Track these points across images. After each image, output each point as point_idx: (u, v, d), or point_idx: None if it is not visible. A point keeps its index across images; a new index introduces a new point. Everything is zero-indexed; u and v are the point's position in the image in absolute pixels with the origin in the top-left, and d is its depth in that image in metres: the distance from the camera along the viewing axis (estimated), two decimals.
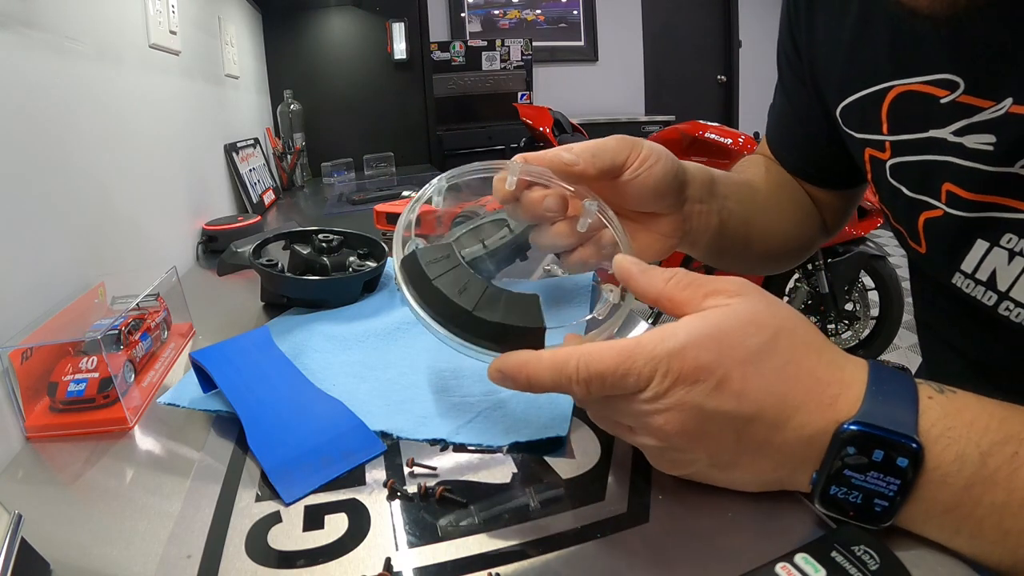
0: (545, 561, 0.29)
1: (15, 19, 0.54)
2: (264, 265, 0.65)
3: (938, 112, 0.39)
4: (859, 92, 0.46)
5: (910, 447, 0.27)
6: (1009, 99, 0.35)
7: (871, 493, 0.28)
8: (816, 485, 0.30)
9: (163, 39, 0.97)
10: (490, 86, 4.03)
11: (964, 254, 0.42)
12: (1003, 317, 0.40)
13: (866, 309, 2.12)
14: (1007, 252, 0.39)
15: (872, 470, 0.28)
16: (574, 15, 4.51)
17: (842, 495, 0.29)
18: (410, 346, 0.54)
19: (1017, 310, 0.40)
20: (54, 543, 0.32)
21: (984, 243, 0.40)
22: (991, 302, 0.41)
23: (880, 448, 0.27)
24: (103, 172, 0.69)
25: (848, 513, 0.29)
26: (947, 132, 0.39)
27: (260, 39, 1.98)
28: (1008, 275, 0.39)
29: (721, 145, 2.22)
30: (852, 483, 0.28)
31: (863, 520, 0.29)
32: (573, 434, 0.39)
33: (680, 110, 4.35)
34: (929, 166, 0.42)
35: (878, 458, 0.28)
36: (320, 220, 1.29)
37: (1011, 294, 0.39)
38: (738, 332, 0.30)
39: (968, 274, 0.42)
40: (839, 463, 0.28)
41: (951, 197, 0.41)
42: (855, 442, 0.28)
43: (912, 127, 0.42)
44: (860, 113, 0.47)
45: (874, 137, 0.46)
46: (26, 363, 0.45)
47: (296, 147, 1.82)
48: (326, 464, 0.38)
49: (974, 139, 0.38)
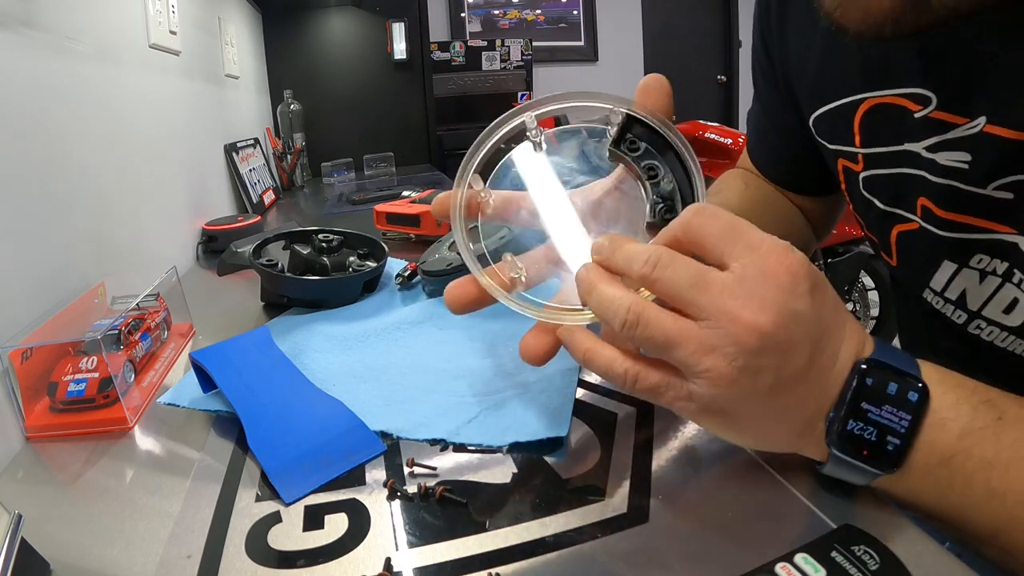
0: (545, 561, 0.29)
1: (15, 19, 0.54)
2: (264, 265, 0.65)
3: (912, 125, 0.39)
4: (831, 103, 0.45)
5: (918, 384, 0.29)
6: (983, 117, 0.35)
7: (885, 429, 0.29)
8: (834, 422, 0.29)
9: (163, 39, 0.97)
10: (490, 86, 4.02)
11: (932, 272, 0.41)
12: (973, 336, 0.40)
13: (866, 309, 2.12)
14: (978, 272, 0.39)
15: (887, 403, 0.29)
16: (574, 15, 4.51)
17: (859, 430, 0.29)
18: (410, 346, 0.54)
19: (990, 328, 0.39)
20: (54, 543, 0.32)
21: (952, 264, 0.40)
22: (961, 320, 0.41)
23: (894, 381, 0.29)
24: (103, 172, 0.69)
25: (862, 452, 0.29)
26: (920, 147, 0.39)
27: (260, 39, 1.98)
28: (980, 295, 0.39)
29: (721, 145, 2.22)
30: (868, 417, 0.29)
31: (876, 461, 0.29)
32: (573, 434, 0.39)
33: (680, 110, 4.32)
34: (904, 179, 0.41)
35: (892, 391, 0.29)
36: (320, 220, 1.29)
37: (983, 313, 0.39)
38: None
39: (937, 292, 0.42)
40: (858, 390, 0.29)
41: (926, 212, 0.40)
42: (872, 372, 0.29)
43: (885, 140, 0.41)
44: (832, 124, 0.46)
45: (847, 149, 0.45)
46: (26, 363, 0.45)
47: (296, 147, 1.82)
48: (326, 464, 0.38)
49: (947, 156, 0.37)
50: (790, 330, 0.28)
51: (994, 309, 0.39)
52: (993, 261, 0.38)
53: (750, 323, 0.27)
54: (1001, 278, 0.38)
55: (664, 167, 0.37)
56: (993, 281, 0.38)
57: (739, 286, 0.28)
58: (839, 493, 0.32)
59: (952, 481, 0.29)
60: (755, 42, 0.56)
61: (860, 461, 0.29)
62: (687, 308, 0.29)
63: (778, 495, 0.32)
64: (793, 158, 0.57)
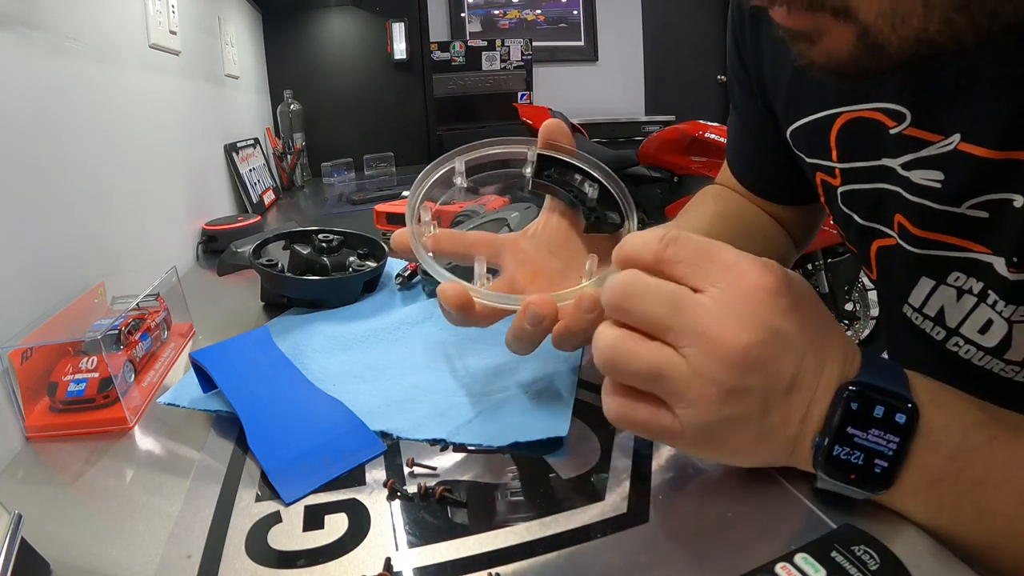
0: (545, 561, 0.29)
1: (15, 19, 0.54)
2: (264, 265, 0.65)
3: (887, 141, 0.39)
4: (807, 117, 0.45)
5: (907, 405, 0.28)
6: (957, 135, 0.34)
7: (872, 452, 0.28)
8: (819, 448, 0.29)
9: (163, 39, 0.97)
10: (490, 86, 4.03)
11: (910, 288, 0.41)
12: (952, 353, 0.40)
13: (866, 309, 2.12)
14: (955, 290, 0.38)
15: (873, 427, 0.28)
16: (574, 15, 4.51)
17: (844, 455, 0.29)
18: (410, 346, 0.54)
19: (967, 347, 0.39)
20: (54, 543, 0.32)
21: (929, 281, 0.40)
22: (940, 337, 0.41)
23: (880, 404, 0.28)
24: (103, 172, 0.69)
25: (850, 476, 0.29)
26: (897, 163, 0.39)
27: (260, 39, 1.98)
28: (957, 312, 0.39)
29: (721, 145, 2.22)
30: (854, 442, 0.28)
31: (864, 483, 0.29)
32: (573, 434, 0.39)
33: (680, 110, 4.34)
34: (881, 194, 0.41)
35: (878, 414, 0.28)
36: (320, 220, 1.29)
37: (960, 331, 0.39)
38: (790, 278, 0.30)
39: (916, 308, 0.42)
40: (844, 416, 0.28)
41: (902, 229, 0.40)
42: (858, 395, 0.28)
43: (863, 155, 0.41)
44: (809, 138, 0.46)
45: (824, 163, 0.45)
46: (26, 363, 0.45)
47: (296, 147, 1.82)
48: (326, 464, 0.38)
49: (921, 175, 0.37)
50: (773, 348, 0.28)
51: (970, 328, 0.39)
52: (969, 280, 0.37)
53: (733, 344, 0.27)
54: (976, 298, 0.37)
55: (582, 179, 0.44)
56: (969, 300, 0.38)
57: (718, 308, 0.28)
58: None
59: (942, 502, 0.29)
60: (729, 50, 0.55)
61: (848, 484, 0.29)
62: (666, 336, 0.29)
63: (778, 495, 0.32)
64: (772, 167, 0.56)
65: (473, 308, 0.39)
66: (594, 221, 0.44)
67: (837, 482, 0.29)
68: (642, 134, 3.85)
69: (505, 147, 0.44)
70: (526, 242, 0.46)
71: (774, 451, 0.30)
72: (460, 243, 0.44)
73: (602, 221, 0.44)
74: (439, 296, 0.38)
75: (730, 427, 0.29)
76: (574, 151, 0.44)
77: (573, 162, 0.44)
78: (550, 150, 0.44)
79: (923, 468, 0.28)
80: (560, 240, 0.45)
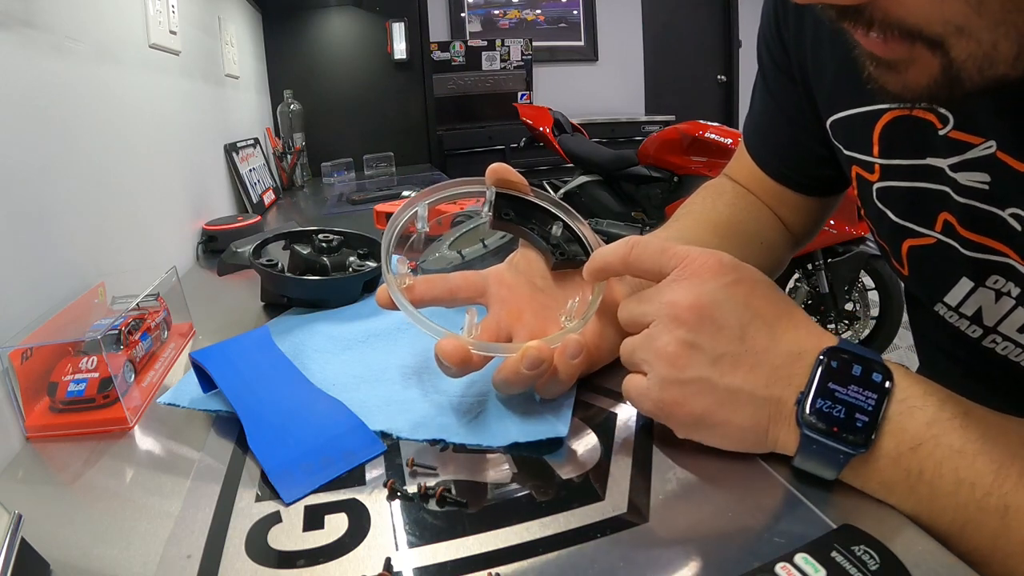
0: (545, 561, 0.29)
1: (15, 19, 0.54)
2: (264, 265, 0.65)
3: (937, 141, 0.38)
4: (851, 109, 0.44)
5: (882, 367, 0.31)
6: (993, 142, 0.35)
7: (852, 407, 0.31)
8: (802, 401, 0.32)
9: (163, 39, 0.97)
10: (490, 86, 4.03)
11: (948, 288, 0.41)
12: (988, 349, 0.40)
13: (866, 309, 2.12)
14: (994, 292, 0.39)
15: (852, 384, 0.31)
16: (574, 15, 4.51)
17: (827, 408, 0.31)
18: (410, 346, 0.54)
19: (1005, 343, 0.39)
20: (54, 543, 0.32)
21: (969, 282, 0.40)
22: (976, 335, 0.41)
23: (858, 364, 0.31)
24: (103, 172, 0.69)
25: (833, 428, 0.31)
26: (946, 164, 0.38)
27: (260, 39, 1.98)
28: (995, 312, 0.39)
29: (721, 145, 2.22)
30: (835, 396, 0.31)
31: (847, 437, 0.30)
32: (573, 434, 0.39)
33: (680, 110, 4.34)
34: (923, 193, 0.40)
35: (857, 372, 0.31)
36: (320, 220, 1.29)
37: (999, 329, 0.39)
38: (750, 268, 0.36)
39: (951, 307, 0.42)
40: (824, 372, 0.32)
41: (948, 228, 0.40)
42: (836, 356, 0.32)
43: (906, 152, 0.41)
44: (850, 130, 0.45)
45: (863, 157, 0.44)
46: (26, 363, 0.45)
47: (296, 147, 1.82)
48: (326, 464, 0.38)
49: (968, 176, 0.37)
50: (714, 309, 0.33)
51: (1009, 327, 0.39)
52: (1008, 284, 0.38)
53: (681, 302, 0.34)
54: (1015, 301, 0.38)
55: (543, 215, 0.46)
56: (1007, 302, 0.38)
57: (672, 284, 0.35)
58: (839, 493, 0.32)
59: (922, 468, 0.29)
60: (767, 30, 0.52)
61: (831, 440, 0.30)
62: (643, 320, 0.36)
63: (778, 495, 0.32)
64: (803, 153, 0.54)
65: (472, 361, 0.39)
66: (559, 258, 0.45)
67: (820, 436, 0.31)
68: (642, 134, 3.85)
69: (466, 187, 0.45)
70: (510, 274, 0.46)
71: (753, 415, 0.33)
72: (443, 288, 0.44)
73: (568, 258, 0.45)
74: (437, 352, 0.39)
75: (688, 385, 0.33)
76: (530, 189, 0.45)
77: (532, 199, 0.45)
78: (508, 188, 0.45)
79: (902, 431, 0.30)
80: (540, 271, 0.46)
